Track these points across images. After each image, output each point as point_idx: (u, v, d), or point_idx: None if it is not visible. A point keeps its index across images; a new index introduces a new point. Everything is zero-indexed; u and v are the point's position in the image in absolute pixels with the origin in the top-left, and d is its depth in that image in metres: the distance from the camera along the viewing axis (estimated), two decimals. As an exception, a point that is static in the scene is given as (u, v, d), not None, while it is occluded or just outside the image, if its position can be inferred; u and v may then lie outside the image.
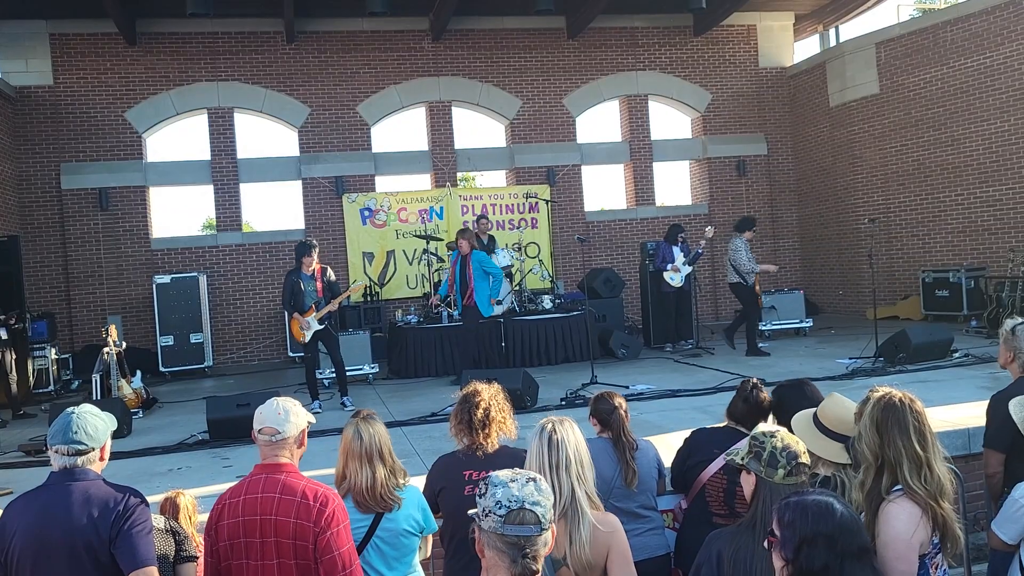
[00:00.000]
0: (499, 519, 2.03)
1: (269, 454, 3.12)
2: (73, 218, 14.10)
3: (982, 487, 5.17)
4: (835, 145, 16.09)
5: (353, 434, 3.62)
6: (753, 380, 4.31)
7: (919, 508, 2.87)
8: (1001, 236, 13.20)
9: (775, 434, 2.81)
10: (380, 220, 15.07)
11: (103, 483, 2.96)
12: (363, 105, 15.36)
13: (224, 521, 3.03)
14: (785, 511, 2.23)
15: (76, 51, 14.27)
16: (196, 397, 10.78)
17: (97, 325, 13.20)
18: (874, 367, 9.57)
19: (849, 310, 15.71)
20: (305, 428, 3.25)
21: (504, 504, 2.04)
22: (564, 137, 16.25)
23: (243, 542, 3.00)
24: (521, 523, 2.03)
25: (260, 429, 3.12)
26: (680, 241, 12.55)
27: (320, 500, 3.01)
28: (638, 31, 16.54)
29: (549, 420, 3.29)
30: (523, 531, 2.03)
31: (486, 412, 3.83)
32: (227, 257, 14.77)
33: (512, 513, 2.03)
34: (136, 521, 2.88)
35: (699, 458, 4.19)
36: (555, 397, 8.96)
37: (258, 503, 3.01)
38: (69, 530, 2.81)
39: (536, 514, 2.05)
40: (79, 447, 2.92)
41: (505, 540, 2.03)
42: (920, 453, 2.92)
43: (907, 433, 2.95)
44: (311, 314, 9.22)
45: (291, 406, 3.19)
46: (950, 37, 13.79)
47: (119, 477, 6.53)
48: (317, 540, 2.97)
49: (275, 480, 3.05)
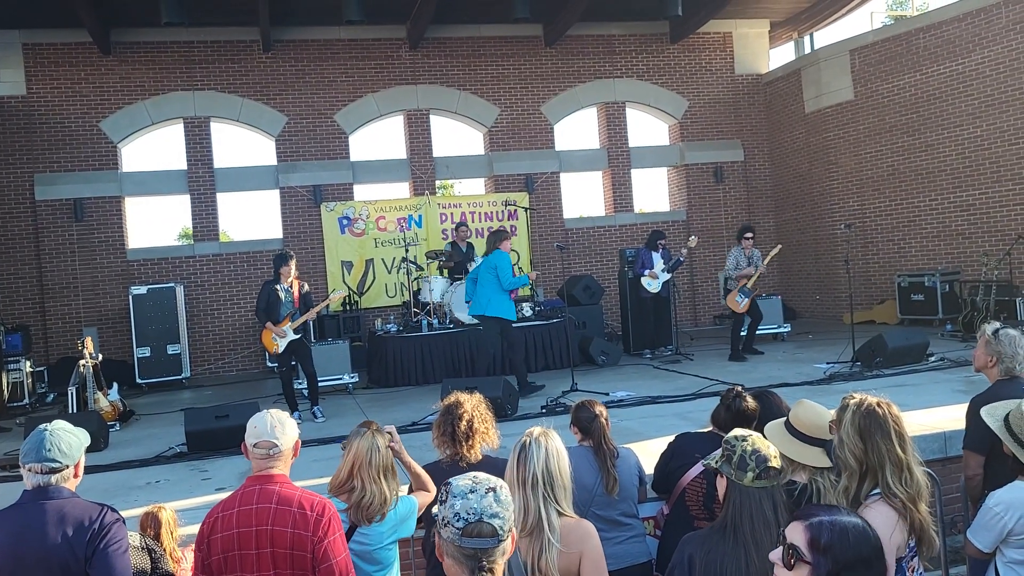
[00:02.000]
0: (456, 531, 2.03)
1: (264, 466, 3.08)
2: (47, 229, 13.94)
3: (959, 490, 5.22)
4: (811, 151, 16.24)
5: (369, 446, 3.54)
6: (737, 388, 4.35)
7: (895, 512, 2.92)
8: (975, 240, 13.35)
9: (747, 438, 2.84)
10: (359, 229, 15.02)
11: (78, 500, 2.92)
12: (341, 114, 15.32)
13: (217, 534, 2.99)
14: (821, 532, 2.05)
15: (50, 61, 14.13)
16: (174, 409, 10.68)
17: (72, 337, 13.07)
18: (851, 371, 9.65)
19: (826, 315, 15.83)
20: (298, 440, 3.22)
21: (462, 517, 2.04)
22: (542, 144, 16.29)
23: (238, 554, 2.97)
24: (479, 535, 2.03)
25: (256, 443, 3.07)
26: (660, 247, 12.60)
27: (317, 510, 3.00)
28: (615, 39, 16.62)
29: (528, 433, 3.23)
30: (480, 544, 2.03)
31: (469, 423, 3.85)
32: (204, 267, 14.66)
33: (470, 526, 2.03)
34: (112, 539, 2.84)
35: (680, 462, 4.22)
36: (536, 405, 8.97)
37: (253, 515, 2.98)
38: (44, 549, 2.77)
39: (494, 526, 2.04)
40: (53, 465, 2.89)
41: (463, 551, 2.04)
42: (901, 456, 2.98)
43: (889, 437, 3.00)
44: (286, 324, 9.19)
45: (284, 418, 3.16)
46: (923, 44, 13.96)
47: (96, 491, 6.49)
48: (315, 550, 2.95)
49: (270, 491, 3.02)
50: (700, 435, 4.42)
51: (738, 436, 2.85)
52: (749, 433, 2.89)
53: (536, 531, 3.00)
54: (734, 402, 4.24)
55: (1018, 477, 3.45)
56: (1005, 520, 3.35)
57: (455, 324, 11.69)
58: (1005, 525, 3.35)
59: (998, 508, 3.38)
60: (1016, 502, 3.36)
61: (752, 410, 4.21)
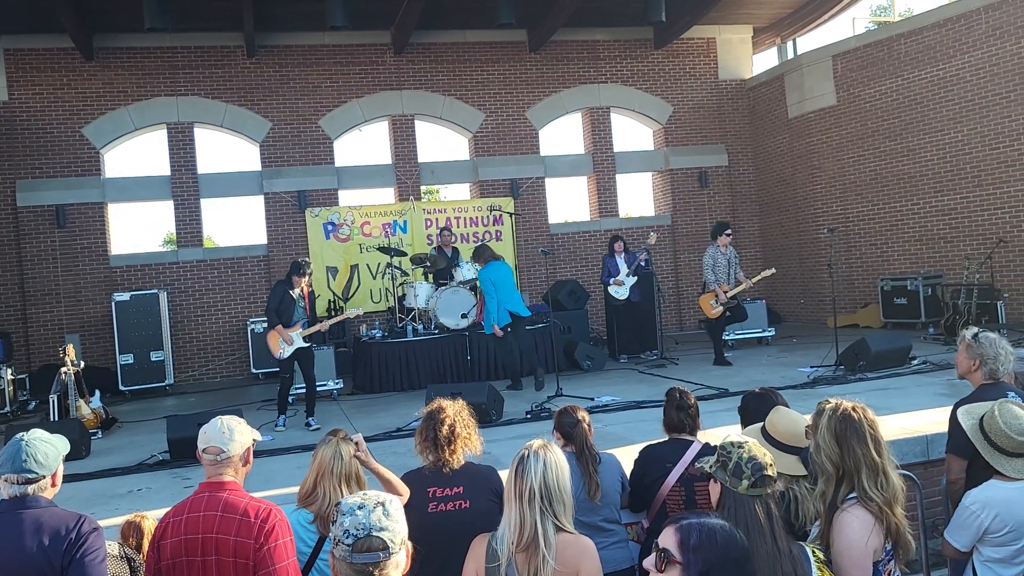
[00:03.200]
0: (347, 548, 2.06)
1: (213, 473, 3.09)
2: (29, 236, 13.83)
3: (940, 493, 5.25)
4: (794, 156, 16.33)
5: (333, 454, 3.60)
6: (678, 389, 4.44)
7: (872, 516, 2.94)
8: (956, 244, 13.45)
9: (743, 445, 2.83)
10: (343, 234, 14.99)
11: (56, 510, 2.91)
12: (325, 119, 15.29)
13: (167, 540, 2.99)
14: (690, 534, 2.11)
15: (32, 66, 14.04)
16: (157, 416, 10.57)
17: (54, 344, 12.96)
18: (835, 375, 9.69)
19: (810, 319, 15.91)
20: (250, 446, 3.22)
21: (351, 533, 2.06)
22: (527, 150, 16.31)
23: (184, 560, 2.97)
24: (368, 550, 2.06)
25: (204, 449, 3.10)
26: (622, 252, 12.57)
27: (261, 517, 2.99)
28: (599, 44, 16.67)
29: (528, 446, 3.16)
30: (370, 558, 2.06)
31: (451, 428, 3.83)
32: (188, 273, 14.59)
33: (359, 541, 2.06)
34: (89, 549, 2.83)
35: (655, 475, 4.22)
36: (520, 411, 8.95)
37: (200, 521, 2.98)
38: (21, 559, 2.76)
39: (383, 539, 2.07)
40: (29, 475, 2.87)
41: (354, 568, 2.06)
42: (877, 460, 3.00)
43: (864, 441, 3.02)
44: (296, 330, 9.06)
45: (235, 424, 3.16)
46: (904, 49, 14.06)
47: (77, 500, 6.44)
48: (256, 555, 2.94)
49: (217, 498, 3.02)
50: (662, 444, 4.41)
51: (734, 443, 2.84)
52: (745, 440, 2.88)
53: (532, 546, 2.96)
54: (682, 401, 4.34)
55: (994, 476, 3.48)
56: (981, 519, 3.38)
57: (440, 330, 11.66)
58: (982, 524, 3.38)
59: (974, 507, 3.41)
60: (992, 500, 3.38)
61: (694, 404, 4.39)
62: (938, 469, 5.84)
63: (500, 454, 6.73)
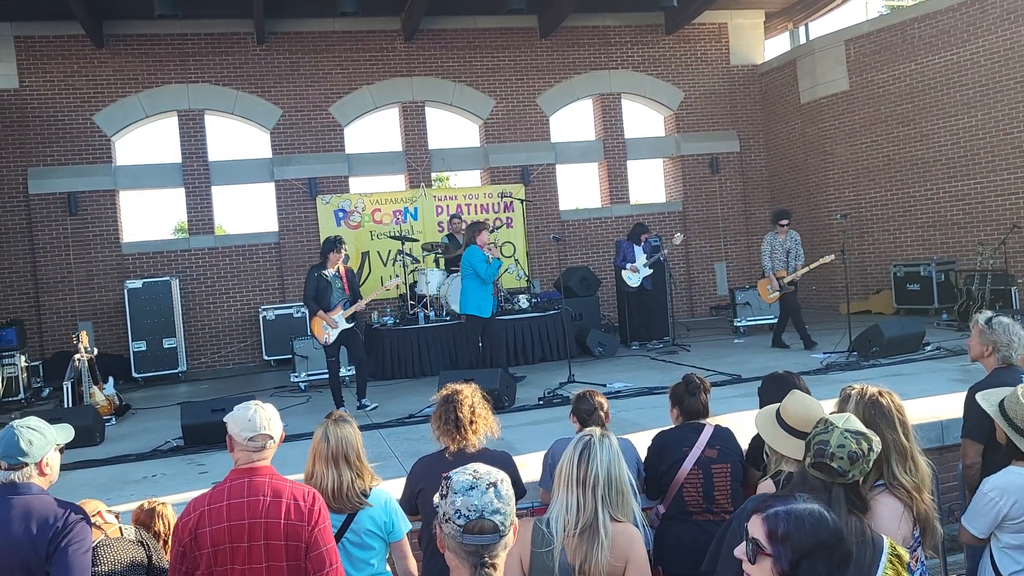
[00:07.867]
0: (458, 528, 2.04)
1: (252, 459, 3.08)
2: (41, 223, 13.89)
3: (956, 479, 5.23)
4: (806, 142, 16.23)
5: (321, 436, 3.67)
6: (690, 376, 4.41)
7: (901, 503, 2.91)
8: (970, 230, 13.36)
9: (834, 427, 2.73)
10: (354, 221, 14.99)
11: (46, 498, 2.94)
12: (336, 106, 15.27)
13: (206, 528, 2.97)
14: (777, 523, 2.05)
15: (42, 54, 14.06)
16: (170, 403, 10.64)
17: (67, 332, 13.03)
18: (848, 361, 9.66)
19: (822, 305, 15.85)
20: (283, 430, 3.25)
21: (463, 514, 2.04)
22: (538, 136, 16.26)
23: (229, 547, 2.96)
24: (480, 532, 2.04)
25: (251, 437, 3.06)
26: (643, 241, 12.52)
27: (309, 500, 3.04)
28: (610, 30, 16.58)
29: (591, 432, 3.16)
30: (482, 540, 2.04)
31: (472, 409, 3.86)
32: (200, 260, 14.62)
33: (471, 523, 2.04)
34: (74, 538, 2.86)
35: (671, 460, 4.21)
36: (533, 397, 8.96)
37: (244, 507, 2.98)
38: (7, 545, 2.80)
39: (495, 523, 2.05)
40: (12, 462, 2.92)
41: (464, 548, 2.05)
42: (906, 444, 2.98)
43: (893, 426, 3.00)
44: (337, 312, 8.97)
45: (271, 410, 3.18)
46: (918, 33, 13.94)
47: (93, 486, 6.49)
48: (308, 538, 2.99)
49: (260, 484, 3.02)
50: (675, 429, 4.40)
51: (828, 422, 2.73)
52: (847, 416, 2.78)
53: (589, 533, 2.97)
54: (694, 385, 4.34)
55: (1013, 462, 3.46)
56: (1000, 505, 3.35)
57: (451, 316, 11.67)
58: (1000, 510, 3.35)
59: (992, 493, 3.38)
60: (1010, 487, 3.36)
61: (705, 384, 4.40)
62: (953, 455, 5.83)
63: (513, 440, 6.75)
